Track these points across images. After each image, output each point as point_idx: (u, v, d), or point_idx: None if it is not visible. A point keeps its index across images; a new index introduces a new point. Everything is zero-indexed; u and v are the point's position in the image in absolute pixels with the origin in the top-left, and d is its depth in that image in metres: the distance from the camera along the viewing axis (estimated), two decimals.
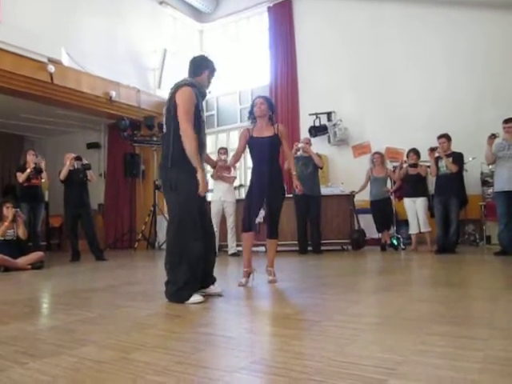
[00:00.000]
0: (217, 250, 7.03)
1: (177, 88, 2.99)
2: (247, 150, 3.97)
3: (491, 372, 1.46)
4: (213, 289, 3.16)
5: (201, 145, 3.04)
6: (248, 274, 3.71)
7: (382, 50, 8.78)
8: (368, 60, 8.90)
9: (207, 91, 3.26)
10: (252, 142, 3.83)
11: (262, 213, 3.74)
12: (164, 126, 3.08)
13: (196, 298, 2.87)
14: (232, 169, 7.16)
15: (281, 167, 3.99)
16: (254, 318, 2.61)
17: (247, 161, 10.02)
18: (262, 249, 6.56)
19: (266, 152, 3.78)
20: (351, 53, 9.11)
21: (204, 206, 3.19)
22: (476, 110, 7.69)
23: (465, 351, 1.68)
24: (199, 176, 2.90)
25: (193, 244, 2.88)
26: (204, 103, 3.31)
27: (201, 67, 3.17)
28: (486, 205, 7.21)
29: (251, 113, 3.89)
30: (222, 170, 3.56)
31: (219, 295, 3.12)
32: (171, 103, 2.98)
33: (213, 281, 3.19)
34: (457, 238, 6.30)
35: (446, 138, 6.26)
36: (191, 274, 2.87)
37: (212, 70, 3.21)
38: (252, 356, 1.76)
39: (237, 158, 4.00)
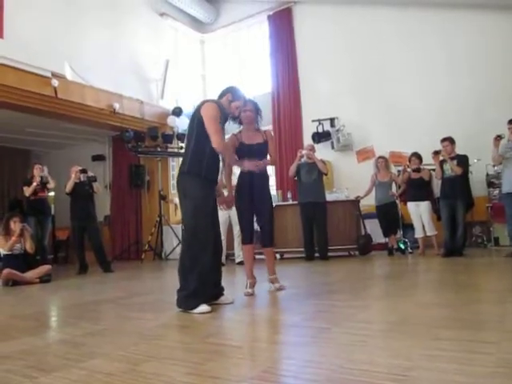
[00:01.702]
0: (224, 258, 7.05)
1: (202, 103, 3.13)
2: None
3: (503, 376, 1.45)
4: (224, 299, 3.19)
5: (213, 166, 3.13)
6: (253, 285, 3.71)
7: (382, 54, 8.79)
8: (369, 64, 8.91)
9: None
10: (242, 149, 3.70)
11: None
12: (185, 139, 3.30)
13: (203, 307, 2.86)
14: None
15: (268, 175, 3.90)
16: (262, 327, 2.60)
17: None
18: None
19: (256, 159, 3.66)
20: (352, 58, 9.12)
21: (216, 216, 3.22)
22: (478, 111, 7.66)
23: (475, 355, 1.67)
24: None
25: (205, 252, 2.93)
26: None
27: (224, 91, 3.32)
28: (492, 206, 7.17)
29: (237, 116, 3.64)
30: (224, 204, 3.58)
31: (231, 303, 3.18)
32: (194, 117, 3.12)
33: (221, 291, 3.22)
34: (464, 241, 6.25)
35: (449, 141, 6.24)
36: (201, 282, 2.90)
37: (235, 94, 3.28)
38: (261, 365, 1.76)
39: (229, 172, 3.86)
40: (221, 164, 3.41)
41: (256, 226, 3.89)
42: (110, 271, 6.72)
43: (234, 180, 3.92)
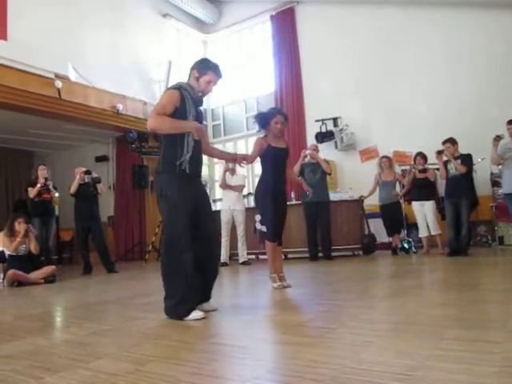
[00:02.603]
0: (228, 258, 7.05)
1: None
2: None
3: (509, 375, 1.44)
4: (206, 306, 2.91)
5: (191, 160, 2.81)
6: (280, 278, 3.83)
7: (385, 53, 8.78)
8: (372, 64, 8.90)
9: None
10: (270, 151, 3.84)
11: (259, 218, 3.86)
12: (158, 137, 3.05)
13: (196, 314, 2.69)
14: (240, 176, 7.21)
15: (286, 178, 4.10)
16: (267, 327, 2.60)
17: (255, 169, 10.04)
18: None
19: (282, 162, 3.91)
20: (355, 57, 9.12)
21: (204, 214, 2.94)
22: (481, 110, 7.64)
23: (481, 355, 1.66)
24: (189, 125, 2.75)
25: (185, 256, 2.70)
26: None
27: (190, 68, 2.97)
28: (497, 205, 7.14)
29: (266, 123, 3.85)
30: (242, 160, 3.51)
31: (214, 310, 2.94)
32: None
33: (209, 297, 2.98)
34: (468, 240, 6.23)
35: (450, 142, 6.21)
36: (187, 287, 2.69)
37: (201, 69, 2.91)
38: (266, 365, 1.75)
39: (252, 159, 3.93)
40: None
41: (260, 226, 3.91)
42: (114, 272, 6.73)
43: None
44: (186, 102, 2.82)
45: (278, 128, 3.83)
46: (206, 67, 2.93)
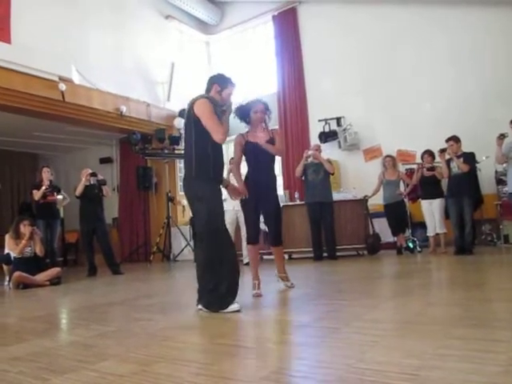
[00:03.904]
0: None
1: (193, 102, 3.05)
2: None
3: None
4: (230, 307, 2.93)
5: (219, 165, 3.10)
6: (260, 285, 3.67)
7: (388, 52, 8.75)
8: (375, 63, 8.87)
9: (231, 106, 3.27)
10: (248, 147, 3.71)
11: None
12: (184, 142, 3.21)
13: (234, 306, 2.86)
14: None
15: (275, 175, 3.90)
16: (272, 327, 2.60)
17: None
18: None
19: (263, 157, 3.70)
20: (357, 57, 9.09)
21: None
22: (485, 108, 7.60)
23: (487, 354, 1.66)
24: (226, 117, 3.06)
25: (229, 250, 2.98)
26: None
27: (210, 82, 3.21)
28: (501, 204, 7.10)
29: (246, 115, 3.73)
30: (235, 194, 3.60)
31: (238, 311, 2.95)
32: (190, 117, 3.05)
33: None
34: (473, 238, 6.20)
35: (453, 140, 6.19)
36: (232, 280, 2.92)
37: (222, 83, 3.16)
38: (272, 366, 1.76)
39: (238, 171, 3.83)
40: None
41: (264, 227, 3.90)
42: (119, 273, 6.74)
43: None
44: (216, 112, 3.03)
45: (258, 116, 3.70)
46: (225, 81, 3.19)
